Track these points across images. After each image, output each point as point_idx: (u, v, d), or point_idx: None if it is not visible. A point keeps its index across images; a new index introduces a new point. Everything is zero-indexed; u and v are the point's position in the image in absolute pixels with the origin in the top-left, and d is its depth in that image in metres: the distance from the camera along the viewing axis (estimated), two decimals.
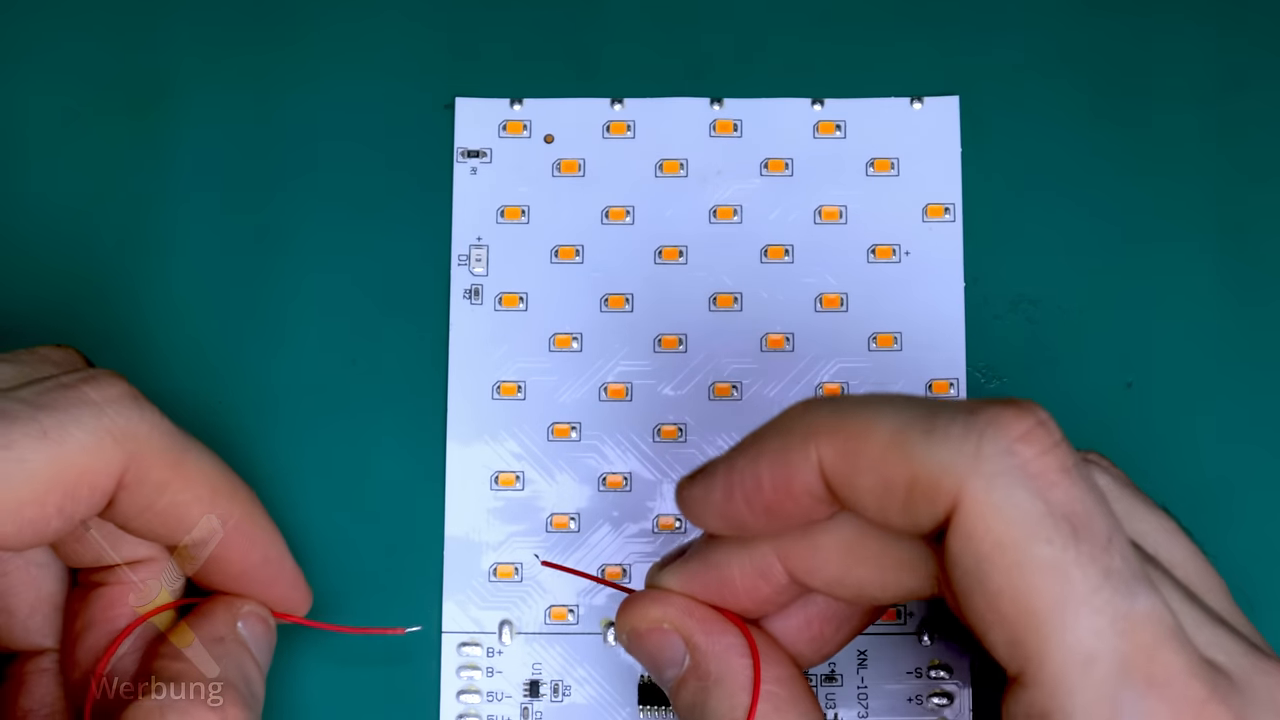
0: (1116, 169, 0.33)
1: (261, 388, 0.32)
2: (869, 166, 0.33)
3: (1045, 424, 0.21)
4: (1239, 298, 0.32)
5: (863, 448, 0.22)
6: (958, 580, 0.22)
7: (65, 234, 0.33)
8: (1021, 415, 0.21)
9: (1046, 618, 0.21)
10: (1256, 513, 0.32)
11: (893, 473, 0.22)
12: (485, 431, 0.32)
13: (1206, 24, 0.33)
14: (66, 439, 0.24)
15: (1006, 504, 0.21)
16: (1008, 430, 0.21)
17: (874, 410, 0.22)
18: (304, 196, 0.33)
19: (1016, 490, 0.21)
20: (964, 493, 0.21)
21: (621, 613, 0.27)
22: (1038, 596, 0.21)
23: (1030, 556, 0.21)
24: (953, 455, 0.21)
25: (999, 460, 0.21)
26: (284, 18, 0.34)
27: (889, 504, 0.22)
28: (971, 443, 0.21)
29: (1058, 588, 0.21)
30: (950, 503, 0.21)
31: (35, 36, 0.34)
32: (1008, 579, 0.21)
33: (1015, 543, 0.21)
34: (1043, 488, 0.21)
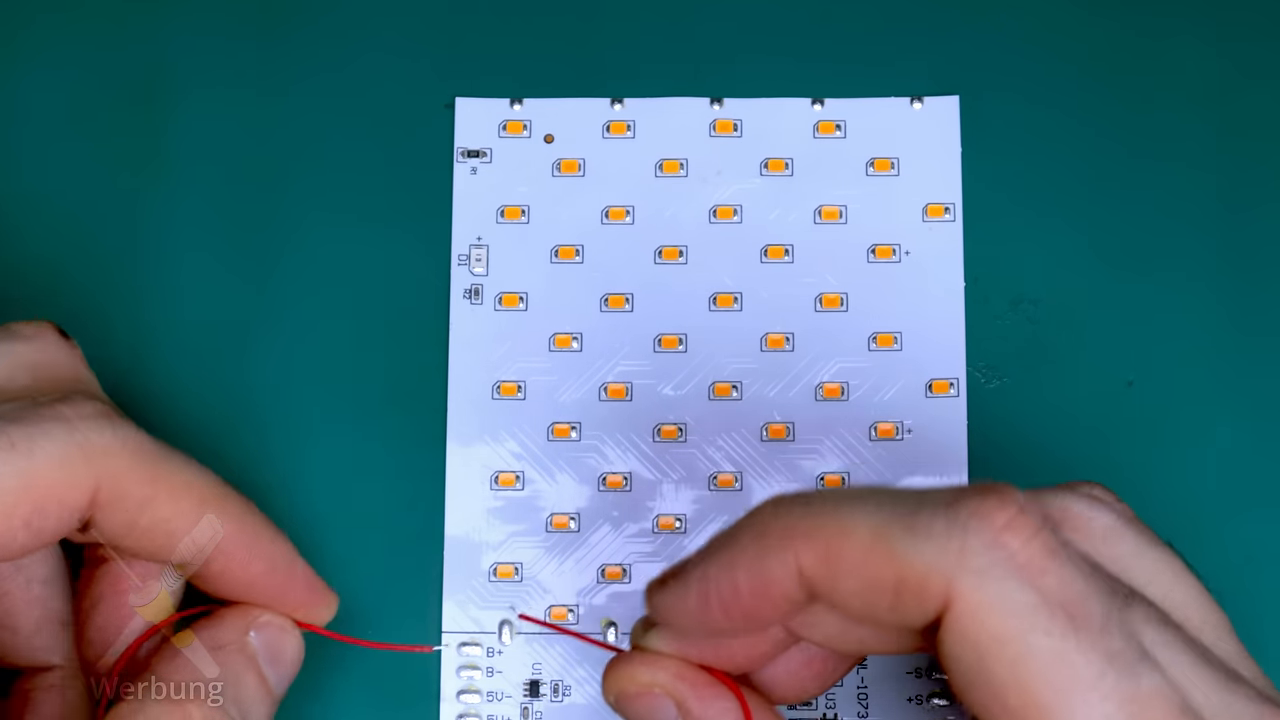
0: (1116, 169, 0.33)
1: (261, 388, 0.32)
2: (869, 166, 0.33)
3: (1025, 510, 0.21)
4: (1239, 297, 0.32)
5: (843, 551, 0.22)
6: (959, 676, 0.21)
7: (65, 232, 0.33)
8: (1003, 504, 0.21)
9: (1055, 708, 0.20)
10: (1256, 512, 0.31)
11: (877, 574, 0.22)
12: (485, 431, 0.32)
13: (1207, 24, 0.33)
14: (35, 452, 0.24)
15: (1000, 599, 0.21)
16: (991, 522, 0.21)
17: (851, 510, 0.22)
18: (304, 196, 0.33)
19: (1007, 583, 0.21)
20: (954, 591, 0.21)
21: (609, 675, 0.26)
22: (1044, 688, 0.20)
23: (1031, 649, 0.21)
24: (938, 554, 0.21)
25: (986, 555, 0.21)
26: (284, 17, 0.34)
27: (876, 604, 0.22)
28: (956, 539, 0.21)
29: (1063, 677, 0.20)
30: (940, 602, 0.21)
31: (36, 35, 0.34)
32: (1011, 673, 0.21)
33: (1014, 636, 0.21)
34: (1033, 577, 0.21)
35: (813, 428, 0.32)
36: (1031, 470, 0.31)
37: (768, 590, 0.23)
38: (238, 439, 0.32)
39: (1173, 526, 0.31)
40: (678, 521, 0.31)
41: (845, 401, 0.32)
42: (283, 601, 0.28)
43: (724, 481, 0.32)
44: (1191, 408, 0.32)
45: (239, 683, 0.27)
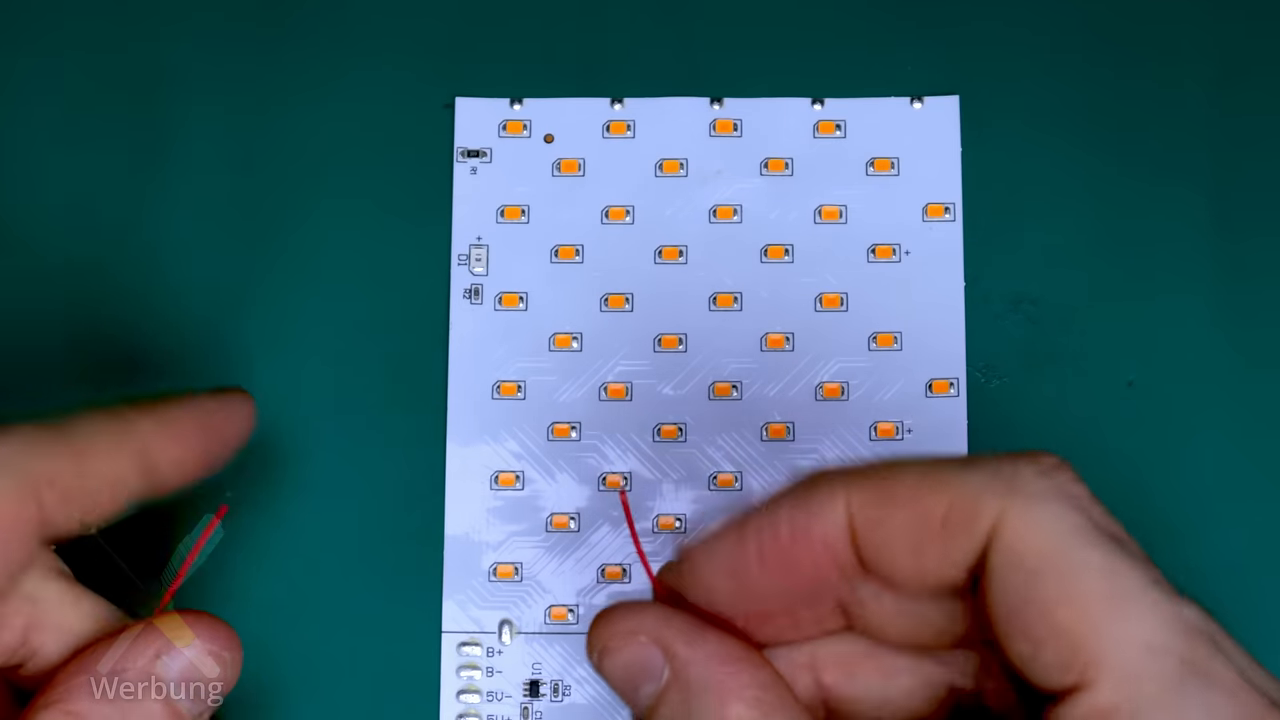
0: (1116, 169, 0.33)
1: (261, 387, 0.32)
2: (869, 166, 0.33)
3: (1065, 462, 0.22)
4: (1239, 297, 0.32)
5: (894, 488, 0.22)
6: (1005, 604, 0.21)
7: (66, 232, 0.33)
8: (1045, 454, 0.22)
9: (1106, 615, 0.21)
10: (1256, 512, 0.31)
11: (927, 504, 0.22)
12: (485, 431, 0.32)
13: (1206, 23, 0.33)
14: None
15: (1050, 517, 0.21)
16: (1038, 461, 0.22)
17: (900, 461, 0.23)
18: (304, 196, 0.33)
19: (1057, 505, 0.21)
20: (1006, 512, 0.21)
21: (591, 632, 0.24)
22: (1095, 597, 0.21)
23: (1081, 561, 0.21)
24: (990, 479, 0.22)
25: (1036, 482, 0.22)
26: (284, 18, 0.34)
27: (924, 541, 0.22)
28: (1007, 469, 0.22)
29: (1114, 586, 0.21)
30: (990, 526, 0.21)
31: (36, 37, 0.34)
32: (1061, 587, 0.21)
33: (1064, 550, 0.21)
34: (1081, 505, 0.21)
35: (813, 428, 0.32)
36: None
37: (810, 530, 0.22)
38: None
39: (1172, 526, 0.31)
40: (678, 521, 0.31)
41: (845, 401, 0.32)
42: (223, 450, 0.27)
43: (724, 481, 0.32)
44: (1191, 408, 0.32)
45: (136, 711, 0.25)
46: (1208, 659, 0.21)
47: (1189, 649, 0.21)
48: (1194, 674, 0.20)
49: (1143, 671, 0.21)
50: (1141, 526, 0.31)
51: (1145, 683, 0.21)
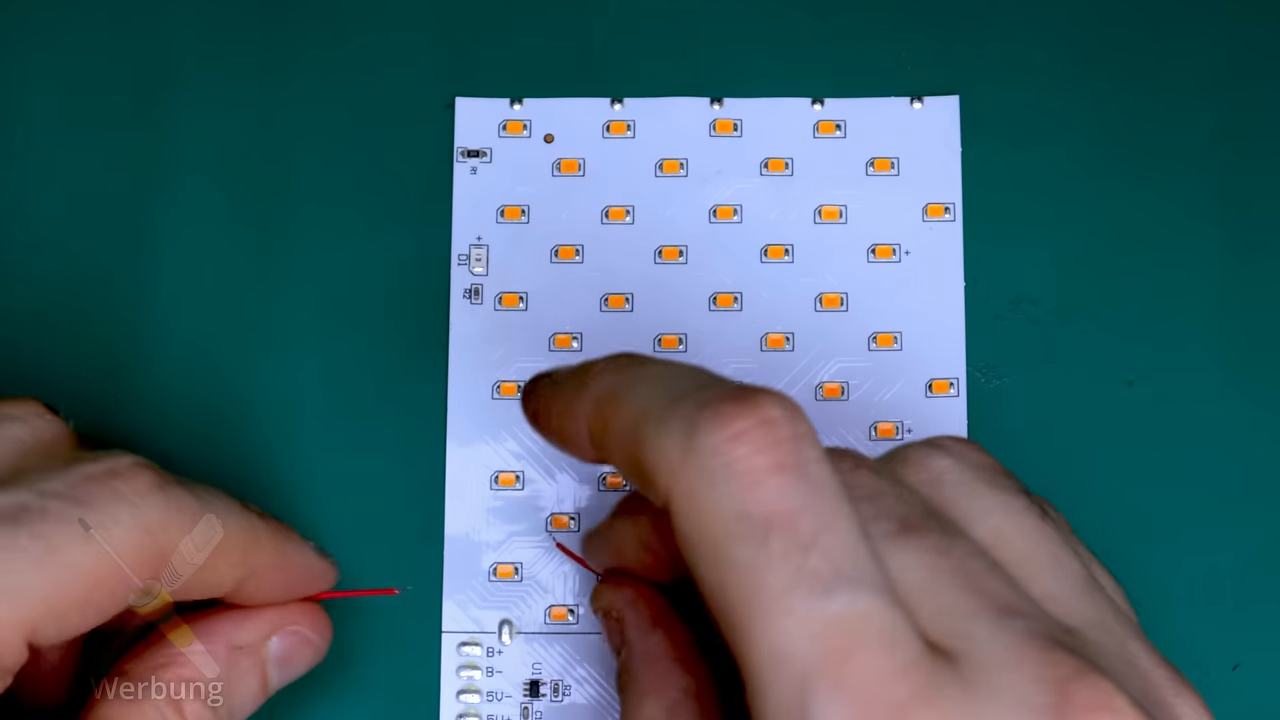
0: (1117, 169, 0.33)
1: (261, 388, 0.32)
2: (869, 166, 0.33)
3: (770, 421, 0.21)
4: (1240, 297, 0.32)
5: (613, 423, 0.23)
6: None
7: (64, 233, 0.33)
8: (742, 412, 0.21)
9: (741, 617, 0.20)
10: (1256, 511, 0.31)
11: (629, 453, 0.22)
12: (485, 431, 0.32)
13: (1209, 24, 0.33)
14: (109, 540, 0.24)
15: (705, 503, 0.21)
16: (723, 429, 0.21)
17: (635, 387, 0.23)
18: (304, 196, 0.33)
19: (716, 490, 0.21)
20: (671, 489, 0.21)
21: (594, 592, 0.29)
22: (735, 595, 0.20)
23: (726, 556, 0.20)
24: (668, 450, 0.21)
25: (705, 459, 0.21)
26: (284, 17, 0.34)
27: (631, 479, 0.23)
28: (686, 439, 0.21)
29: (750, 587, 0.20)
30: (664, 494, 0.21)
31: (35, 36, 0.34)
32: (712, 576, 0.21)
33: (714, 542, 0.21)
34: (744, 488, 0.20)
35: None
36: (1031, 470, 0.31)
37: (569, 429, 0.24)
38: (238, 439, 0.32)
39: (1172, 525, 0.31)
40: None
41: (845, 401, 0.32)
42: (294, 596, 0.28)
43: None
44: (1191, 408, 0.32)
45: (242, 682, 0.27)
46: (845, 659, 0.20)
47: (824, 651, 0.20)
48: (822, 684, 0.20)
49: (768, 685, 0.20)
50: (1141, 526, 0.32)
51: (770, 695, 0.20)
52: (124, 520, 0.24)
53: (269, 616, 0.28)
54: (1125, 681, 0.21)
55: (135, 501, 0.24)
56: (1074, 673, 0.20)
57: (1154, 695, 0.22)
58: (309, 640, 0.28)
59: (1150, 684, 0.22)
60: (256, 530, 0.27)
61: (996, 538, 0.23)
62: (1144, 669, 0.22)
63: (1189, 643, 0.31)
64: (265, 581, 0.27)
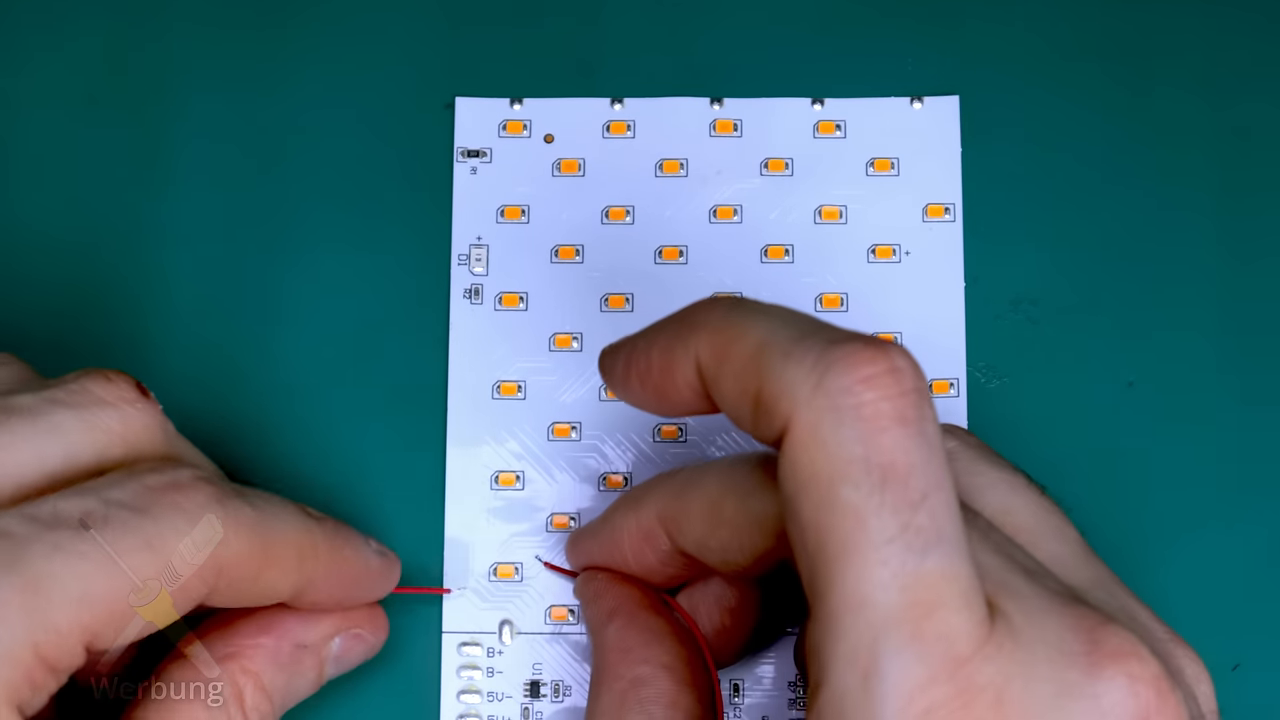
0: (1117, 168, 0.33)
1: (261, 388, 0.32)
2: (869, 166, 0.33)
3: (899, 371, 0.21)
4: (1240, 297, 0.32)
5: (730, 353, 0.23)
6: (783, 503, 0.22)
7: (65, 234, 0.33)
8: (875, 358, 0.21)
9: (836, 558, 0.21)
10: (1256, 511, 0.32)
11: (747, 384, 0.22)
12: (485, 431, 0.32)
13: (1208, 25, 0.33)
14: (168, 551, 0.24)
15: (828, 440, 0.21)
16: (856, 370, 0.21)
17: (753, 319, 0.23)
18: (304, 197, 0.33)
19: (842, 429, 0.21)
20: (794, 420, 0.21)
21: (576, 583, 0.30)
22: (833, 537, 0.21)
23: (835, 496, 0.21)
24: (796, 381, 0.21)
25: (835, 397, 0.21)
26: (284, 17, 0.34)
27: (742, 410, 0.23)
28: (817, 373, 0.21)
29: (853, 533, 0.21)
30: (784, 425, 0.21)
31: (35, 37, 0.34)
32: (814, 514, 0.21)
33: (826, 480, 0.21)
34: (869, 433, 0.21)
35: None
36: (1031, 470, 0.31)
37: (672, 371, 0.24)
38: (238, 439, 0.32)
39: (1172, 525, 0.31)
40: None
41: None
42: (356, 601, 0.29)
43: None
44: (1191, 408, 0.32)
45: (302, 678, 0.28)
46: (927, 614, 0.20)
47: (908, 604, 0.20)
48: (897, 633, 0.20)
49: (845, 627, 0.21)
50: (1141, 526, 0.32)
51: (843, 638, 0.21)
52: (184, 533, 0.24)
53: (335, 619, 0.28)
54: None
55: (193, 515, 0.24)
56: (1099, 622, 0.22)
57: (1157, 648, 0.23)
58: (366, 639, 0.29)
59: (1152, 637, 0.23)
60: (313, 537, 0.27)
61: (1004, 508, 0.25)
62: (1145, 623, 0.24)
63: (1189, 642, 0.31)
64: (323, 588, 0.27)
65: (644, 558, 0.28)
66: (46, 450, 0.24)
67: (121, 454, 0.25)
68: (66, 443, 0.25)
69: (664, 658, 0.27)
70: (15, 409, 0.25)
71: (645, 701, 0.26)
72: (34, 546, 0.22)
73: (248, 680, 0.27)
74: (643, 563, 0.28)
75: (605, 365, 0.26)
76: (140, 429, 0.26)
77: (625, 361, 0.25)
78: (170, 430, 0.27)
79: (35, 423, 0.25)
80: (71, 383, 0.25)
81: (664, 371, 0.24)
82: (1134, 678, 0.21)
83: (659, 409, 0.26)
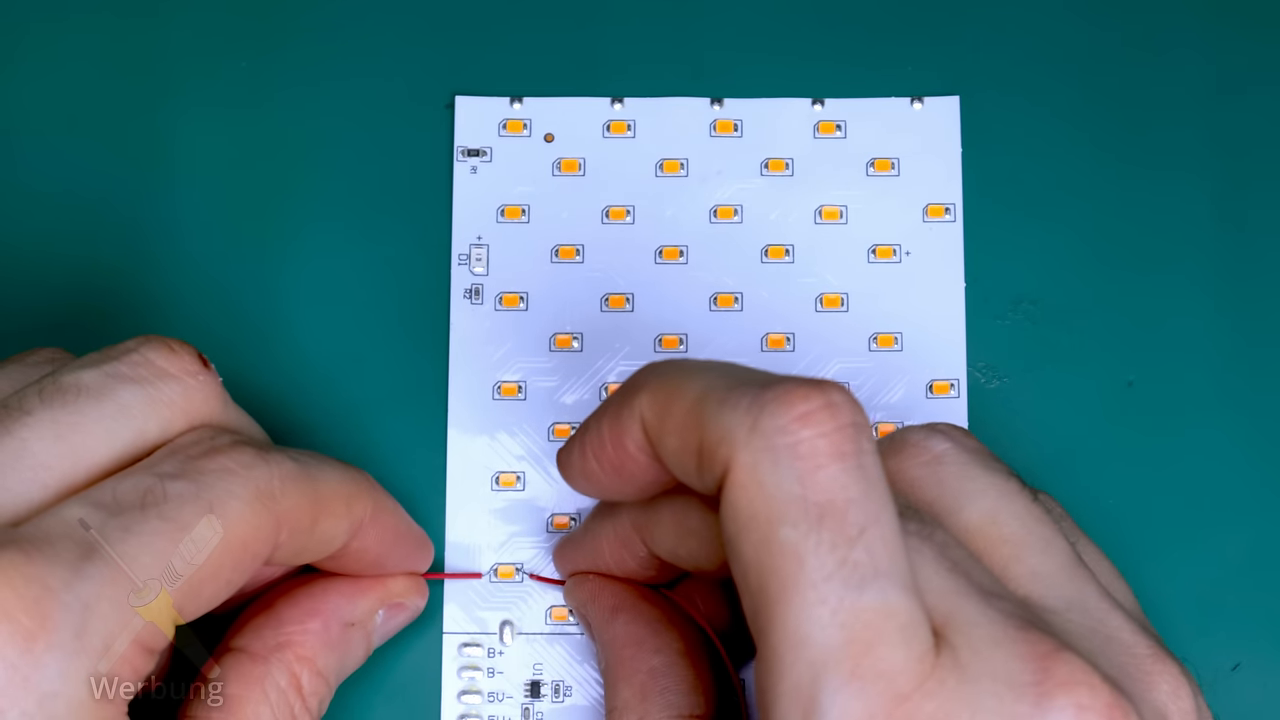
0: (1116, 169, 0.33)
1: (262, 388, 0.32)
2: (869, 166, 0.33)
3: (834, 406, 0.21)
4: (1239, 296, 0.32)
5: (671, 410, 0.23)
6: (726, 545, 0.22)
7: (66, 235, 0.33)
8: (810, 395, 0.21)
9: (776, 598, 0.21)
10: (1257, 511, 0.32)
11: (688, 437, 0.22)
12: (485, 432, 0.32)
13: (1206, 26, 0.33)
14: (229, 514, 0.24)
15: (766, 480, 0.21)
16: (791, 409, 0.21)
17: (691, 375, 0.23)
18: (304, 196, 0.33)
19: (778, 469, 0.21)
20: (732, 463, 0.21)
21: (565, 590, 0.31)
22: (774, 577, 0.21)
23: (774, 536, 0.21)
24: (733, 425, 0.21)
25: (771, 437, 0.21)
26: (284, 17, 0.34)
27: (688, 465, 0.23)
28: (752, 416, 0.21)
29: (791, 571, 0.21)
30: (723, 470, 0.22)
31: (34, 39, 0.34)
32: (754, 554, 0.21)
33: (765, 520, 0.21)
34: (806, 470, 0.21)
35: None
36: (1031, 470, 0.32)
37: (623, 438, 0.24)
38: None
39: (1172, 525, 0.31)
40: None
41: None
42: (401, 564, 0.29)
43: None
44: (1191, 408, 0.32)
45: (352, 654, 0.28)
46: (866, 651, 0.20)
47: (846, 641, 0.20)
48: (837, 671, 0.20)
49: (786, 667, 0.21)
50: (1141, 526, 0.32)
51: (785, 678, 0.21)
52: (238, 492, 0.24)
53: (377, 592, 0.29)
54: (1101, 657, 0.22)
55: (244, 475, 0.24)
56: (1052, 650, 0.21)
57: (1132, 667, 0.23)
58: (408, 607, 0.29)
59: (1130, 656, 0.23)
60: (357, 482, 0.27)
61: (991, 517, 0.24)
62: (1124, 642, 0.23)
63: (1189, 643, 0.31)
64: (372, 536, 0.27)
65: (625, 563, 0.28)
66: (116, 430, 0.24)
67: (183, 425, 0.25)
68: (134, 421, 0.24)
69: (677, 644, 0.28)
70: (82, 389, 0.24)
71: (667, 691, 0.27)
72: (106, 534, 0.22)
73: (303, 666, 0.27)
74: (624, 567, 0.29)
75: (563, 459, 0.26)
76: (201, 402, 0.26)
77: (580, 445, 0.25)
78: (228, 399, 0.26)
79: (102, 403, 0.24)
80: (134, 353, 0.25)
81: (615, 442, 0.24)
82: (1083, 708, 0.21)
83: (621, 489, 0.26)
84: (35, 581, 0.21)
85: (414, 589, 0.29)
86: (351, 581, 0.29)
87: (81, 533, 0.22)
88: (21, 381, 0.25)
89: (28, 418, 0.23)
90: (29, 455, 0.23)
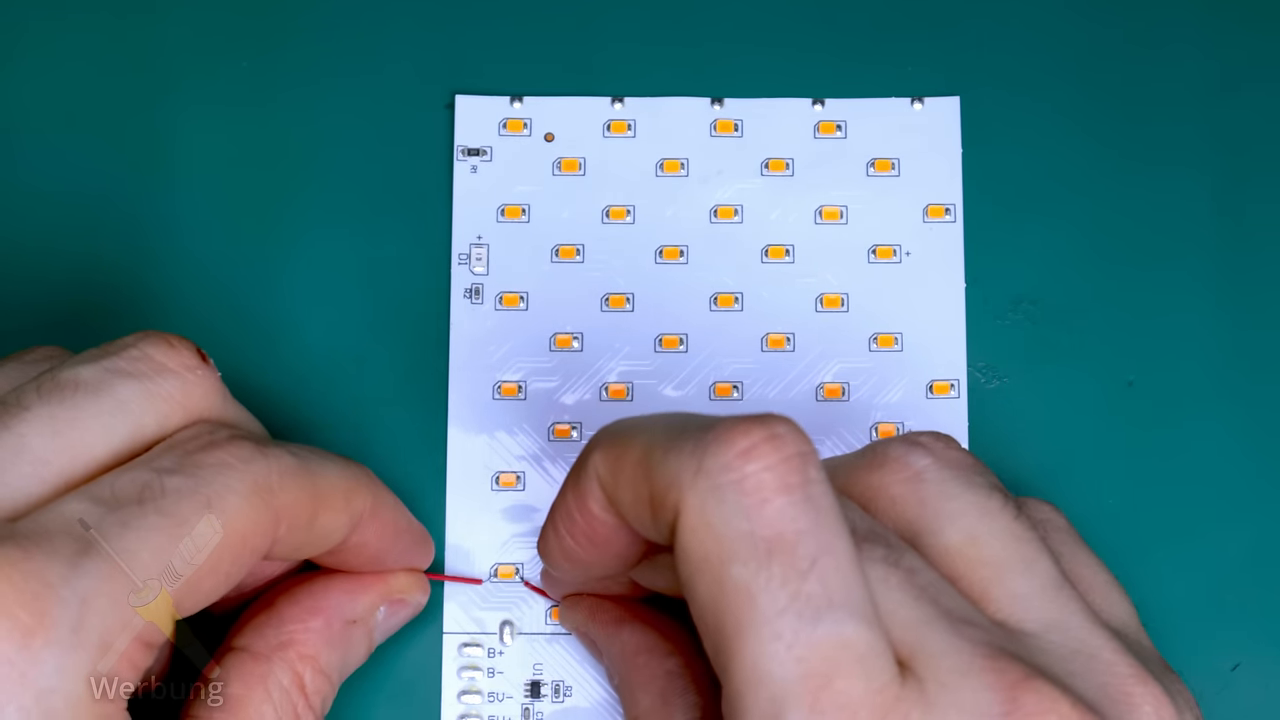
0: (1116, 168, 0.33)
1: (262, 388, 0.32)
2: (869, 166, 0.33)
3: (778, 437, 0.21)
4: (1239, 296, 0.32)
5: (622, 465, 0.23)
6: (682, 588, 0.22)
7: (66, 233, 0.33)
8: (751, 430, 0.21)
9: (733, 636, 0.21)
10: (1256, 511, 0.32)
11: (640, 489, 0.22)
12: (485, 431, 0.32)
13: (1205, 23, 0.33)
14: (227, 508, 0.24)
15: (714, 520, 0.21)
16: (733, 445, 0.21)
17: (637, 429, 0.23)
18: (304, 195, 0.33)
19: (725, 507, 0.21)
20: (681, 507, 0.21)
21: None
22: (729, 616, 0.21)
23: (726, 575, 0.21)
24: (679, 470, 0.21)
25: (715, 476, 0.21)
26: (284, 16, 0.34)
27: (643, 516, 0.23)
28: (696, 458, 0.21)
29: (745, 609, 0.21)
30: (674, 515, 0.21)
31: (34, 37, 0.34)
32: (709, 595, 0.21)
33: (717, 560, 0.21)
34: (752, 506, 0.21)
35: (813, 428, 0.32)
36: (1031, 470, 0.32)
37: (586, 504, 0.24)
38: None
39: (1172, 525, 0.32)
40: None
41: (846, 402, 0.32)
42: (401, 560, 0.29)
43: None
44: (1191, 408, 0.32)
45: (354, 651, 0.28)
46: (824, 684, 0.20)
47: (804, 675, 0.20)
48: (797, 706, 0.20)
49: (748, 704, 0.21)
50: (1141, 526, 0.32)
51: (748, 715, 0.21)
52: (236, 486, 0.24)
53: (379, 589, 0.29)
54: (1081, 679, 0.22)
55: (242, 469, 0.24)
56: (1021, 678, 0.21)
57: (1113, 688, 0.22)
58: (409, 603, 0.29)
59: (1112, 676, 0.23)
60: (355, 476, 0.27)
61: (971, 538, 0.24)
62: (1106, 661, 0.23)
63: (1189, 643, 0.31)
64: (371, 531, 0.27)
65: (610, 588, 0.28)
66: (114, 426, 0.24)
67: (181, 421, 0.25)
68: (132, 416, 0.24)
69: (688, 647, 0.27)
70: (80, 384, 0.24)
71: (687, 693, 0.26)
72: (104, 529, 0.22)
73: (306, 665, 0.27)
74: (610, 591, 0.28)
75: (542, 547, 0.26)
76: (200, 396, 0.25)
77: (552, 524, 0.25)
78: (227, 395, 0.26)
79: (100, 399, 0.24)
80: (132, 348, 0.25)
81: (580, 508, 0.24)
82: None
83: (602, 560, 0.25)
84: (33, 577, 0.21)
85: (415, 585, 0.29)
86: (353, 578, 0.28)
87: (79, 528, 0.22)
88: (20, 379, 0.25)
89: (26, 413, 0.23)
90: (27, 451, 0.23)
